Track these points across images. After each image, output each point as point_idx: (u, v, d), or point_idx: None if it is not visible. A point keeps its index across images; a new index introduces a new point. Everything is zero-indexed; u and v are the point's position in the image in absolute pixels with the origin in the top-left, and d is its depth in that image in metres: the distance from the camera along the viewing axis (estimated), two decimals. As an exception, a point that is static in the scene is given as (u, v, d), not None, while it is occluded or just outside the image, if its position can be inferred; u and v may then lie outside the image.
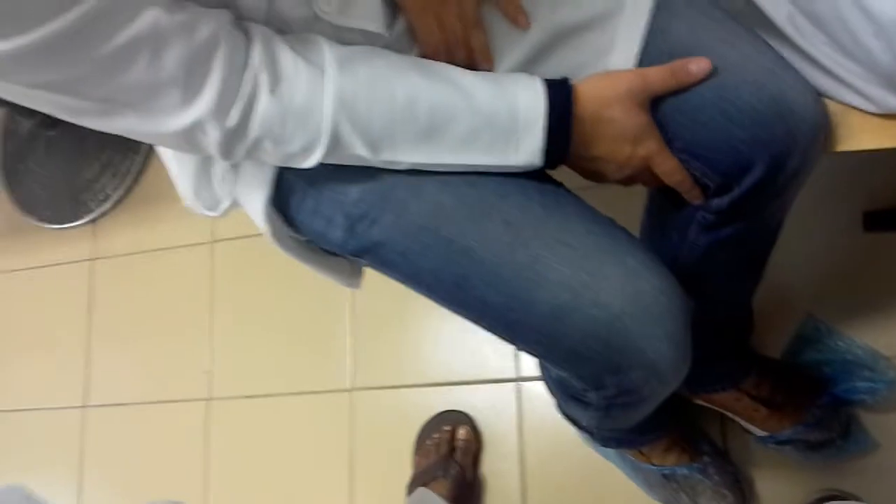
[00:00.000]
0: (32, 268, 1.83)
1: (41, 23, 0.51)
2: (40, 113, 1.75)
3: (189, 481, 1.51)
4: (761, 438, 1.07)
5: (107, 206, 1.75)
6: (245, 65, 0.61)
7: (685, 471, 1.07)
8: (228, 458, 1.50)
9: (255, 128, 0.62)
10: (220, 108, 0.60)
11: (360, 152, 0.65)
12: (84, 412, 1.67)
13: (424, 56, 0.70)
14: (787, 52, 0.70)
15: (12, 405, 1.75)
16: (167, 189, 1.68)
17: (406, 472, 1.31)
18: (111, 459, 1.62)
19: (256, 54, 0.61)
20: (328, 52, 0.64)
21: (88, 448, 1.65)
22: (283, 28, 0.65)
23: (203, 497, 1.50)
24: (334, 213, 0.72)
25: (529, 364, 1.31)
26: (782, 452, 1.07)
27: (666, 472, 1.08)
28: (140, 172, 1.75)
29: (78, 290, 1.75)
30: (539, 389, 1.29)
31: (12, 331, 1.81)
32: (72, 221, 1.78)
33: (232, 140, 0.63)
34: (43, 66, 0.54)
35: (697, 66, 0.67)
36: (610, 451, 1.14)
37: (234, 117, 0.61)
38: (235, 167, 0.75)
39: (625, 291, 0.65)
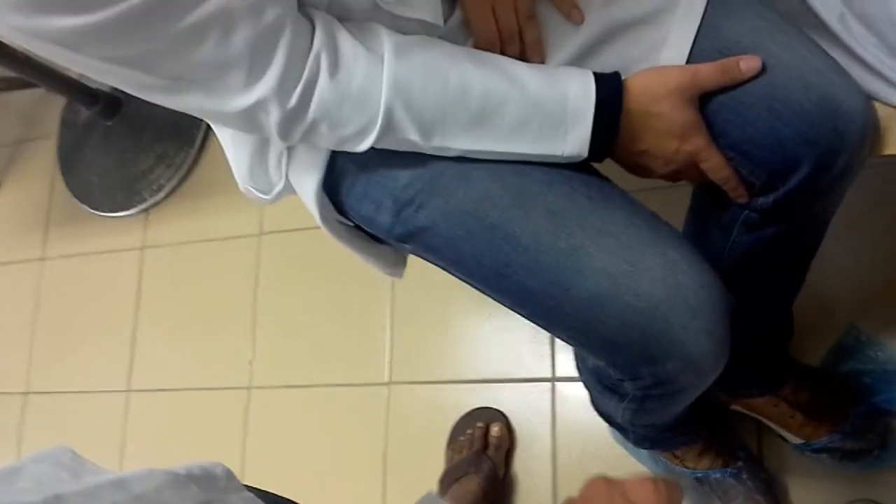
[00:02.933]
0: (85, 254, 1.89)
1: None
2: (99, 103, 1.82)
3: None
4: (797, 446, 1.06)
5: (160, 196, 1.80)
6: (308, 49, 0.63)
7: (718, 475, 1.07)
8: (266, 445, 1.53)
9: (313, 110, 0.65)
10: (282, 90, 0.63)
11: (412, 137, 0.67)
12: (128, 396, 1.72)
13: (479, 48, 0.72)
14: (837, 54, 0.71)
15: (60, 387, 1.81)
16: (218, 182, 1.75)
17: (439, 466, 1.32)
18: (152, 443, 1.66)
19: (318, 39, 0.64)
20: (386, 40, 0.66)
21: (130, 431, 1.69)
22: (344, 16, 0.68)
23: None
24: (383, 197, 0.75)
25: (565, 364, 1.31)
26: (818, 461, 1.06)
27: (699, 475, 1.08)
28: (193, 165, 1.80)
29: (128, 278, 1.80)
30: (574, 390, 1.30)
31: (64, 315, 1.87)
32: (125, 210, 1.84)
33: (291, 121, 0.65)
34: (119, 41, 0.57)
35: (748, 63, 0.68)
36: (643, 452, 1.15)
37: (294, 99, 0.63)
38: (290, 151, 0.78)
39: (665, 282, 0.66)
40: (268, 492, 0.61)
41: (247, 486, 0.57)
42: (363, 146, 0.68)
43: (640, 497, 0.48)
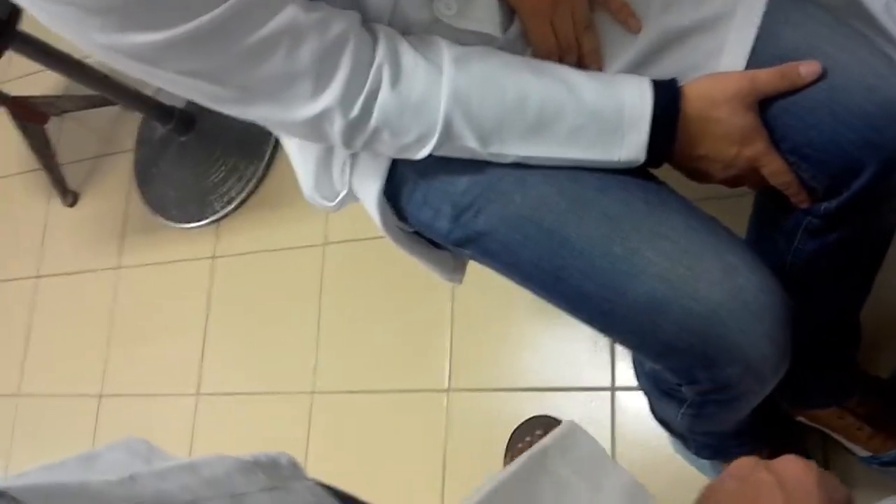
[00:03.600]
0: (159, 263, 1.97)
1: (194, 15, 0.58)
2: (174, 119, 1.92)
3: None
4: (864, 459, 1.03)
5: (230, 207, 1.86)
6: (371, 61, 0.66)
7: (783, 488, 1.05)
8: (328, 449, 1.56)
9: (375, 119, 0.67)
10: (346, 100, 0.66)
11: (470, 144, 0.69)
12: (197, 399, 1.78)
13: (537, 58, 0.74)
14: (886, 47, 0.69)
15: (133, 390, 1.88)
16: (285, 194, 1.80)
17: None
18: (219, 445, 1.71)
19: (381, 52, 0.66)
20: (446, 51, 0.68)
21: (198, 433, 1.75)
22: (405, 29, 0.71)
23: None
24: (442, 203, 0.76)
25: (625, 374, 1.31)
26: (886, 474, 1.03)
27: (762, 487, 1.06)
28: (262, 178, 1.86)
29: (199, 286, 1.87)
30: (633, 400, 1.29)
31: (138, 321, 1.95)
32: (198, 221, 1.91)
33: (354, 129, 0.68)
34: (192, 55, 0.61)
35: (807, 68, 0.67)
36: (705, 463, 1.13)
37: (357, 109, 0.66)
38: (353, 159, 0.81)
39: (724, 286, 0.66)
40: (331, 486, 0.63)
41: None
42: (423, 153, 0.70)
43: (787, 471, 0.46)
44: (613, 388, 1.31)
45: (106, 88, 1.84)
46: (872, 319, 0.96)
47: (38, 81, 2.20)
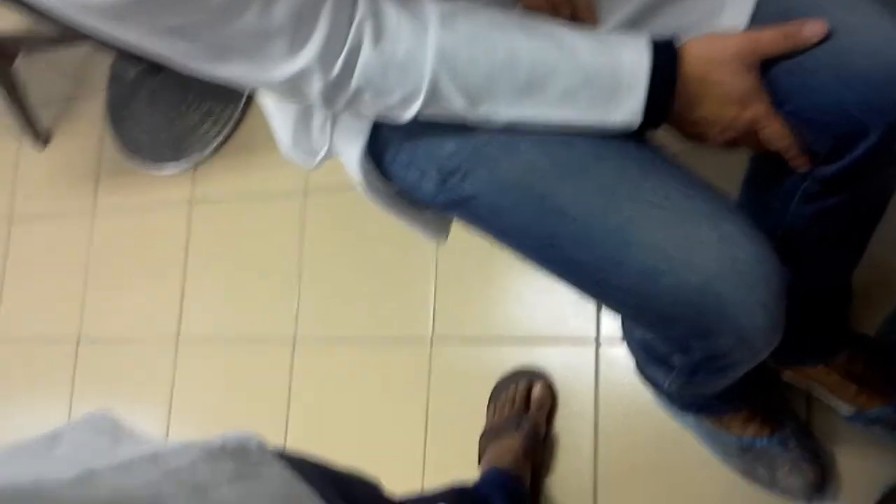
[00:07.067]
0: (135, 207, 1.92)
1: None
2: (146, 60, 1.83)
3: (271, 417, 1.58)
4: (849, 417, 1.04)
5: (206, 152, 1.81)
6: (351, 17, 0.62)
7: (765, 443, 1.06)
8: (310, 397, 1.56)
9: (357, 79, 0.64)
10: (325, 59, 0.62)
11: (457, 106, 0.66)
12: (177, 345, 1.76)
13: (527, 13, 0.70)
14: None
15: (111, 335, 1.86)
16: (264, 138, 1.75)
17: (480, 423, 1.33)
18: (199, 392, 1.71)
19: (362, 8, 0.62)
20: (431, 7, 0.64)
21: (179, 380, 1.74)
22: (388, -18, 0.66)
23: (282, 433, 1.56)
24: (428, 165, 0.73)
25: (610, 326, 1.30)
26: (869, 432, 1.04)
27: (745, 442, 1.07)
28: (239, 121, 1.80)
29: (177, 231, 1.83)
30: (618, 352, 1.29)
31: (114, 266, 1.91)
32: (173, 165, 1.85)
33: (334, 90, 0.64)
34: (163, 11, 0.57)
35: (811, 28, 0.64)
36: (687, 417, 1.14)
37: (337, 68, 0.62)
38: (335, 117, 0.77)
39: (720, 256, 0.64)
40: (302, 459, 0.61)
41: (281, 454, 0.58)
42: (407, 115, 0.67)
43: None
44: (598, 340, 1.31)
45: (71, 25, 1.76)
46: (862, 277, 0.95)
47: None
